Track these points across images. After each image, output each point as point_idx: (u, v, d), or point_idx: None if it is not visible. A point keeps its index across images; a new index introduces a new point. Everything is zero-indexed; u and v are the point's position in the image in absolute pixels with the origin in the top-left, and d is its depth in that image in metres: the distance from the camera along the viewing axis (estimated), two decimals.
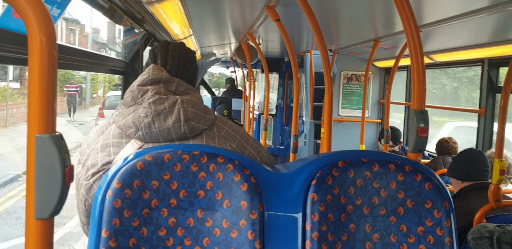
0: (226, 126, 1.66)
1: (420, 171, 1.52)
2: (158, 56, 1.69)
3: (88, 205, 1.57)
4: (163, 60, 1.68)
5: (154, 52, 1.72)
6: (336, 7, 3.37)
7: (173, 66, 1.68)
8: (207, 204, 1.43)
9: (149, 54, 1.74)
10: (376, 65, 6.47)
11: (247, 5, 3.39)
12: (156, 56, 1.69)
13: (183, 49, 1.75)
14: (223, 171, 1.43)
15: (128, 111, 1.56)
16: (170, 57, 1.69)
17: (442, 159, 4.37)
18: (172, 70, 1.67)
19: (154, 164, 1.40)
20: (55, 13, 1.61)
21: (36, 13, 0.88)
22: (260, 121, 8.27)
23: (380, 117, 6.59)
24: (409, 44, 1.78)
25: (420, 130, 1.66)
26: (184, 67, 1.71)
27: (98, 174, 1.55)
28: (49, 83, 0.89)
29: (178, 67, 1.69)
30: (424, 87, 1.78)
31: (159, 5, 2.79)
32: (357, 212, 1.50)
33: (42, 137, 0.85)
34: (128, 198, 1.38)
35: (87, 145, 1.63)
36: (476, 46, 3.95)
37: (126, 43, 3.23)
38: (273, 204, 1.46)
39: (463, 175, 3.01)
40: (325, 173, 1.50)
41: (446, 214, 1.49)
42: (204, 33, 4.97)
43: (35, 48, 0.89)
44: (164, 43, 1.76)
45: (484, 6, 2.62)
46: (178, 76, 1.66)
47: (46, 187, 0.86)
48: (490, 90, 4.08)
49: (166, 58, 1.69)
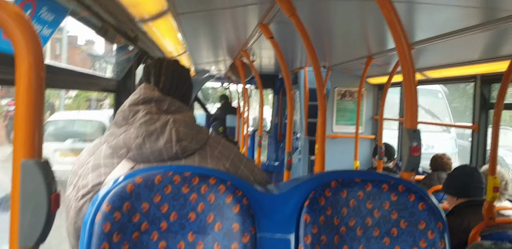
0: (219, 145, 1.65)
1: (413, 191, 1.51)
2: (152, 73, 1.68)
3: (78, 227, 1.54)
4: (156, 78, 1.67)
5: (148, 69, 1.70)
6: (329, 25, 3.40)
7: (166, 84, 1.66)
8: (198, 227, 1.41)
9: (143, 72, 1.73)
10: (369, 81, 6.50)
11: (241, 23, 3.40)
12: (150, 74, 1.68)
13: (176, 66, 1.74)
14: (215, 192, 1.41)
15: (119, 132, 1.54)
16: (164, 74, 1.67)
17: (436, 175, 4.36)
18: (165, 87, 1.65)
19: (144, 186, 1.38)
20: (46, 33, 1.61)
21: (24, 35, 0.87)
22: (254, 137, 8.25)
23: (374, 133, 6.59)
24: (401, 62, 1.78)
25: (413, 149, 1.65)
26: (178, 84, 1.69)
27: (88, 195, 1.53)
28: (36, 106, 0.87)
29: (171, 84, 1.67)
30: (416, 105, 1.76)
31: (153, 23, 2.80)
32: (350, 233, 1.48)
33: (28, 162, 0.83)
34: (117, 221, 1.35)
35: (78, 165, 1.61)
36: (469, 63, 3.97)
37: (119, 61, 3.23)
38: (265, 225, 1.44)
39: (458, 192, 2.99)
40: (317, 193, 1.48)
41: (440, 235, 1.47)
42: (198, 50, 4.98)
43: (22, 70, 0.88)
44: (157, 60, 1.74)
45: (476, 24, 2.64)
46: (171, 94, 1.65)
47: (31, 214, 0.83)
48: (483, 106, 4.09)
49: (159, 76, 1.67)
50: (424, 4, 2.46)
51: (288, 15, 2.42)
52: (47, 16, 1.62)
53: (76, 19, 2.27)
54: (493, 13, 2.43)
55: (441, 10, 2.49)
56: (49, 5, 1.62)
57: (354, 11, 2.77)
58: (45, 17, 1.61)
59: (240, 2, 2.64)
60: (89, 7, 2.04)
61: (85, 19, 2.32)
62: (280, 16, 2.71)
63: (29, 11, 1.49)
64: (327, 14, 2.94)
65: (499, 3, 2.29)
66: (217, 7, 2.76)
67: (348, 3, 2.57)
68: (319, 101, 2.72)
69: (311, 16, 2.93)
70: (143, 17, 2.59)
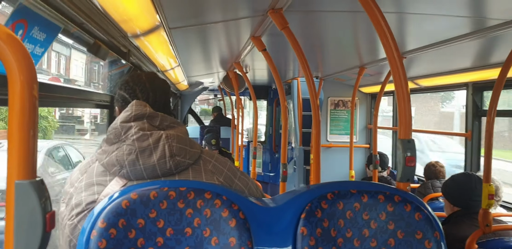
0: (213, 159, 1.64)
1: (410, 201, 1.51)
2: (137, 90, 1.67)
3: (73, 245, 1.53)
4: (144, 94, 1.66)
5: (130, 86, 1.68)
6: (321, 36, 3.42)
7: (156, 99, 1.66)
8: (194, 242, 1.40)
9: (124, 89, 1.69)
10: (362, 91, 6.53)
11: (233, 36, 3.42)
12: (135, 91, 1.67)
13: (158, 80, 1.74)
14: (211, 207, 1.41)
15: (112, 149, 1.54)
16: (151, 90, 1.67)
17: (431, 184, 4.36)
18: (155, 103, 1.65)
19: (139, 202, 1.38)
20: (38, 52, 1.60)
21: (15, 55, 0.88)
22: (249, 148, 8.25)
23: (368, 143, 6.60)
24: (393, 71, 1.78)
25: (407, 159, 1.65)
26: (165, 98, 1.70)
27: (82, 213, 1.52)
28: (29, 126, 0.87)
29: (160, 99, 1.68)
30: (409, 115, 1.77)
31: (145, 38, 2.80)
32: (347, 245, 1.48)
33: (22, 183, 0.83)
34: (113, 238, 1.34)
35: (70, 184, 1.60)
36: (460, 71, 4.01)
37: (111, 75, 3.23)
38: (262, 239, 1.44)
39: (457, 202, 2.95)
40: (314, 205, 1.48)
41: (437, 245, 1.47)
42: (190, 64, 4.99)
43: (15, 91, 0.87)
44: (137, 75, 1.72)
45: (466, 33, 2.66)
46: (161, 109, 1.65)
47: (26, 234, 0.83)
48: (476, 114, 4.12)
49: (147, 92, 1.67)
50: (414, 14, 2.48)
51: (280, 28, 2.43)
52: (39, 35, 1.62)
53: (67, 37, 2.27)
54: (482, 22, 2.46)
55: (431, 20, 2.52)
56: (40, 25, 1.61)
57: (345, 22, 2.80)
58: (37, 36, 1.61)
59: (232, 15, 2.66)
60: (81, 24, 2.04)
61: (77, 36, 2.32)
62: (272, 29, 2.73)
63: (21, 31, 1.49)
64: (319, 25, 2.96)
65: (487, 12, 2.32)
66: (209, 21, 2.78)
67: (339, 15, 2.60)
68: (312, 111, 2.73)
69: (303, 28, 2.96)
70: (135, 32, 2.59)
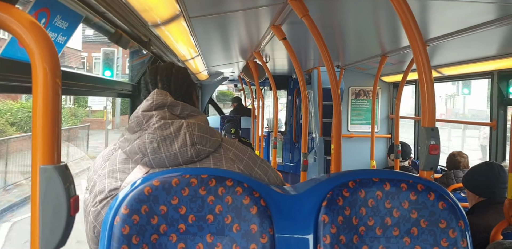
0: (233, 147, 1.65)
1: (433, 189, 1.49)
2: (159, 80, 1.69)
3: (97, 231, 1.55)
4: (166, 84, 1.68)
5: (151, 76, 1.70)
6: (342, 24, 3.38)
7: (176, 89, 1.68)
8: (216, 229, 1.41)
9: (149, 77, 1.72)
10: (384, 80, 6.45)
11: (253, 25, 3.40)
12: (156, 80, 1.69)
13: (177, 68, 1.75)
14: (232, 194, 1.41)
15: (134, 137, 1.55)
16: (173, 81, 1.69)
17: (453, 174, 4.30)
18: (176, 93, 1.67)
19: (161, 189, 1.39)
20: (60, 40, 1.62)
21: (39, 43, 0.88)
22: (269, 139, 8.25)
23: (389, 132, 6.54)
24: (416, 59, 1.76)
25: (431, 147, 1.63)
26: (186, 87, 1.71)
27: (105, 200, 1.54)
28: (53, 113, 0.88)
29: (181, 89, 1.69)
30: (433, 103, 1.74)
31: (165, 27, 2.81)
32: (369, 233, 1.47)
33: (47, 167, 0.84)
34: (136, 224, 1.36)
35: (93, 171, 1.62)
36: (485, 59, 3.92)
37: (133, 65, 3.25)
38: (283, 226, 1.44)
39: (481, 191, 2.90)
40: (335, 193, 1.47)
41: (461, 234, 1.46)
42: (211, 53, 4.99)
43: (38, 78, 0.88)
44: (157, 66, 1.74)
45: (492, 19, 2.60)
46: (181, 98, 1.66)
47: (51, 218, 0.84)
48: (501, 103, 4.04)
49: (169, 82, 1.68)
50: (438, 1, 2.43)
51: (301, 16, 2.41)
52: (61, 24, 1.63)
53: (89, 26, 2.29)
54: (508, 8, 2.40)
55: (455, 6, 2.46)
56: (63, 13, 1.63)
57: (366, 9, 2.76)
58: (60, 25, 1.63)
59: (251, 4, 2.64)
60: (103, 14, 2.05)
61: (98, 25, 2.34)
62: (292, 17, 2.71)
63: (44, 20, 1.51)
64: (340, 13, 2.92)
65: None
66: (228, 10, 2.77)
67: (360, 2, 2.56)
68: (333, 101, 2.71)
69: (324, 16, 2.92)
70: (156, 22, 2.60)
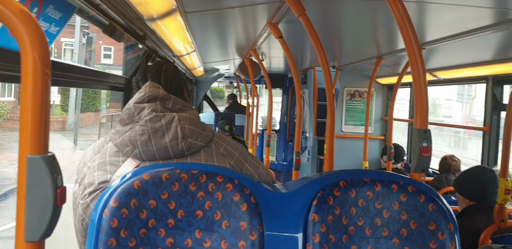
0: (224, 143, 1.64)
1: (424, 191, 1.49)
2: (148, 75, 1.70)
3: (86, 224, 1.54)
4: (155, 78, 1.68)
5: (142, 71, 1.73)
6: (339, 25, 3.38)
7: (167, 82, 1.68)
8: (205, 225, 1.40)
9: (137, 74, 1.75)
10: (379, 82, 6.46)
11: (250, 22, 3.39)
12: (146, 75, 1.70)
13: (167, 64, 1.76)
14: (222, 190, 1.41)
15: (125, 129, 1.54)
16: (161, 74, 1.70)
17: (445, 177, 4.32)
18: (167, 87, 1.67)
19: (151, 183, 1.38)
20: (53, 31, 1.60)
21: (29, 32, 0.87)
22: (263, 137, 8.25)
23: (383, 134, 6.56)
24: (411, 62, 1.76)
25: (423, 149, 1.63)
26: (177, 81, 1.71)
27: (95, 193, 1.53)
28: (42, 103, 0.87)
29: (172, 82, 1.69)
30: (426, 105, 1.75)
31: (161, 22, 2.79)
32: (359, 233, 1.47)
33: (34, 157, 0.83)
34: (125, 217, 1.35)
35: (83, 163, 1.61)
36: (480, 64, 3.94)
37: (127, 59, 3.23)
38: (273, 224, 1.43)
39: (471, 194, 2.92)
40: (326, 193, 1.47)
41: (450, 236, 1.46)
42: (207, 49, 4.98)
43: (28, 67, 0.87)
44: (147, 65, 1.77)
45: (488, 24, 2.61)
46: (173, 92, 1.66)
47: (37, 209, 0.83)
48: (495, 108, 4.06)
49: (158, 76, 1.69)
50: (435, 4, 2.43)
51: (297, 14, 2.40)
52: (54, 14, 1.62)
53: (83, 17, 2.27)
54: (505, 13, 2.40)
55: (452, 10, 2.47)
56: (56, 3, 1.61)
57: (363, 11, 2.75)
58: (52, 15, 1.61)
59: (249, 1, 2.63)
60: (97, 5, 2.03)
61: (92, 17, 2.32)
62: (289, 16, 2.70)
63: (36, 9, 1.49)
64: (337, 13, 2.92)
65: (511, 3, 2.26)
66: (225, 6, 2.75)
67: (357, 3, 2.55)
68: (328, 101, 2.70)
69: (321, 16, 2.92)
70: (152, 15, 2.58)
